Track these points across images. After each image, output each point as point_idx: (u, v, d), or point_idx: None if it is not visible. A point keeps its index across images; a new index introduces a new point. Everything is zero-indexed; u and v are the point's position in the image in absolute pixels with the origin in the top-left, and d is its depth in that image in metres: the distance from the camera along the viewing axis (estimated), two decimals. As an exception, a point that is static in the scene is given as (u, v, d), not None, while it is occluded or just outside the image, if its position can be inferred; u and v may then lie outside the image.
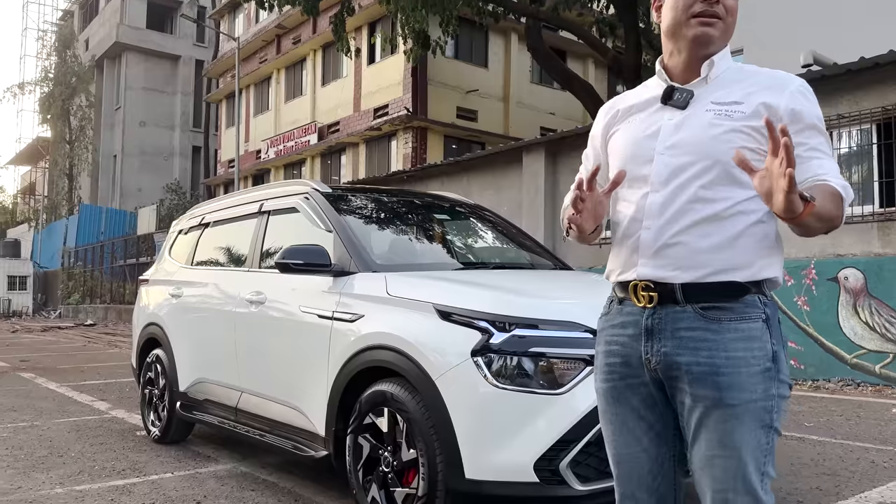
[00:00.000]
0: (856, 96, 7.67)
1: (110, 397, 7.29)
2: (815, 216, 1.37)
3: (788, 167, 1.27)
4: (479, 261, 4.19)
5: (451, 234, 4.35)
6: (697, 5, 1.56)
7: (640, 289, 1.58)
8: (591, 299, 3.15)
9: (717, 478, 1.49)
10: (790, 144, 1.29)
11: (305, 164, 25.40)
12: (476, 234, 4.50)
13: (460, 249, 4.25)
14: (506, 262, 4.20)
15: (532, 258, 4.27)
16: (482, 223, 4.54)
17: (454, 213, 4.52)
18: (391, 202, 4.42)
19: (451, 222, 4.47)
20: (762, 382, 1.48)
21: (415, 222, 4.34)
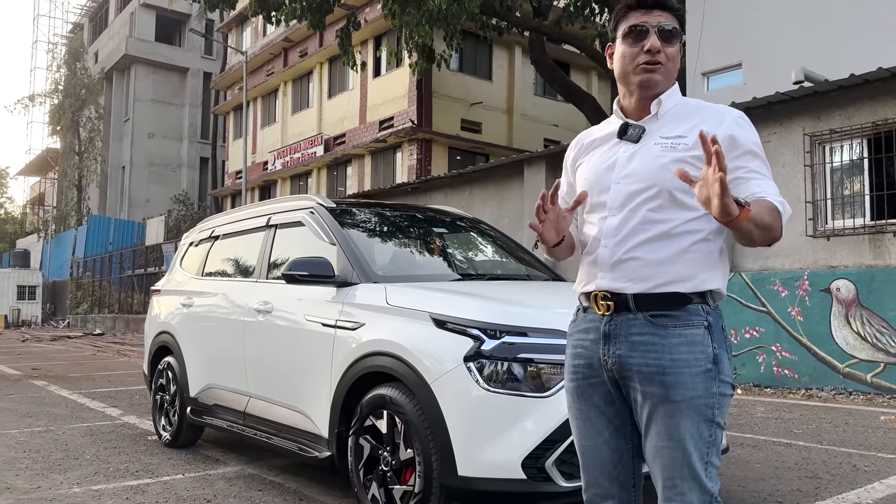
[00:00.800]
0: (847, 112, 7.87)
1: (121, 404, 7.50)
2: (752, 222, 1.56)
3: (720, 171, 1.47)
4: (476, 272, 4.40)
5: (449, 247, 4.56)
6: (641, 56, 1.78)
7: (600, 298, 1.79)
8: (577, 309, 3.37)
9: (665, 466, 1.69)
10: (720, 151, 1.48)
11: (312, 176, 25.70)
12: (474, 247, 4.71)
13: (458, 261, 4.45)
14: (502, 274, 4.40)
15: (528, 270, 4.48)
16: (480, 236, 4.75)
17: (453, 227, 4.73)
18: (393, 216, 4.63)
19: (451, 235, 4.69)
20: (704, 382, 1.68)
21: (415, 235, 4.55)
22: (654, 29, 1.77)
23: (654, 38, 1.77)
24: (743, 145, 1.73)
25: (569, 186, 2.00)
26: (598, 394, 1.82)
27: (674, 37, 1.79)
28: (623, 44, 1.81)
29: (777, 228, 1.64)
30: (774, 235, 1.64)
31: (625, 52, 1.81)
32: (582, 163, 1.94)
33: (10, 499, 3.86)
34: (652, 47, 1.76)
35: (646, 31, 1.77)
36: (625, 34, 1.81)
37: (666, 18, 1.79)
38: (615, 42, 1.85)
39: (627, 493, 1.84)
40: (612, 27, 1.87)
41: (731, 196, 1.50)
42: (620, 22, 1.84)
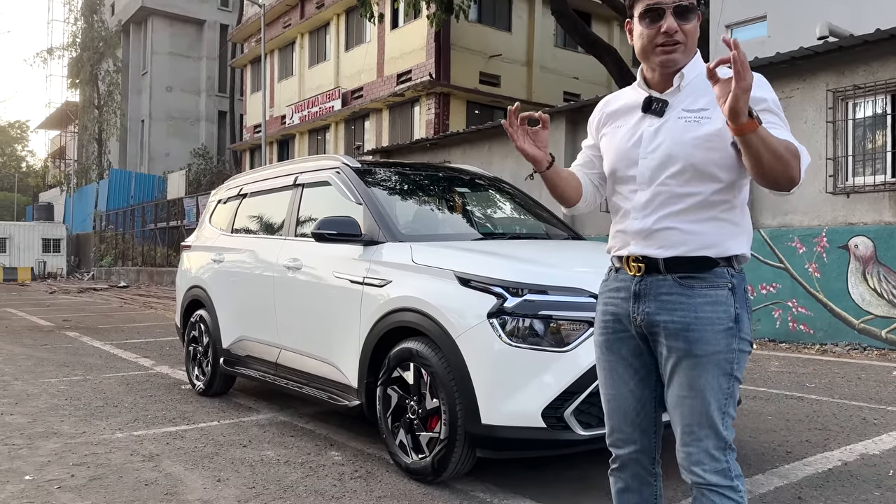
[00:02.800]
0: (872, 67, 7.78)
1: (152, 354, 7.79)
2: (761, 140, 1.59)
3: (740, 69, 1.52)
4: (497, 231, 4.52)
5: (470, 206, 4.68)
6: (659, 37, 1.83)
7: (631, 260, 1.91)
8: (597, 267, 3.49)
9: (685, 414, 1.83)
10: (738, 55, 1.52)
11: (329, 130, 25.72)
12: (494, 206, 4.82)
13: (479, 220, 4.58)
14: (522, 233, 4.52)
15: (547, 228, 4.59)
16: (500, 195, 4.86)
17: (474, 186, 4.84)
18: (414, 175, 4.74)
19: (472, 194, 4.79)
20: (725, 338, 1.80)
21: (437, 194, 4.67)
22: (670, 9, 1.81)
23: (671, 18, 1.81)
24: (761, 104, 1.75)
25: (592, 147, 2.11)
26: (627, 347, 1.95)
27: (690, 12, 1.83)
28: (640, 24, 1.86)
29: (792, 164, 1.65)
30: (791, 173, 1.65)
31: (643, 33, 1.86)
32: (605, 134, 2.03)
33: (59, 443, 4.11)
34: (669, 29, 1.81)
35: (662, 11, 1.81)
36: (641, 14, 1.85)
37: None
38: (633, 20, 1.91)
39: (649, 438, 2.00)
40: (629, 4, 1.91)
41: (749, 106, 1.55)
42: (635, 3, 1.88)
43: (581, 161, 2.14)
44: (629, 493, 2.05)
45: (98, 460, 3.76)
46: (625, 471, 2.04)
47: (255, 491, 3.28)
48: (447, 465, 3.23)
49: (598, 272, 3.33)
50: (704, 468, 1.81)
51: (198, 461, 3.75)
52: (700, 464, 1.82)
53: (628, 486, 2.05)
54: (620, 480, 2.06)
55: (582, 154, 2.16)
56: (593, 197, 2.11)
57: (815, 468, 3.60)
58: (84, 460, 3.76)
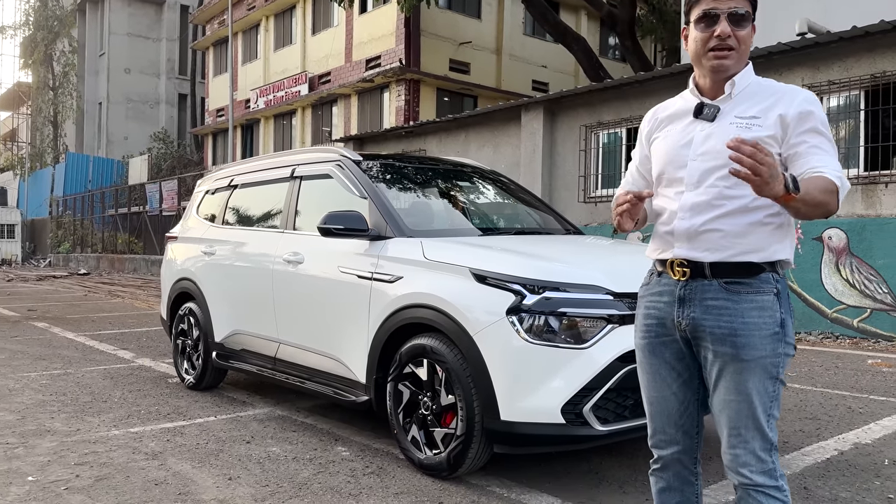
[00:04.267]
0: (846, 63, 7.98)
1: (131, 346, 7.64)
2: (801, 202, 1.69)
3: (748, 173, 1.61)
4: (501, 226, 4.54)
5: (473, 201, 4.68)
6: (713, 41, 1.88)
7: (676, 265, 1.93)
8: (609, 264, 3.54)
9: (731, 417, 1.87)
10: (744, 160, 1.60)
11: (296, 116, 25.40)
12: (495, 200, 4.83)
13: (483, 215, 4.58)
14: (526, 227, 4.54)
15: (546, 222, 4.62)
16: (500, 189, 4.87)
17: (474, 180, 4.84)
18: (415, 169, 4.72)
19: (473, 189, 4.80)
20: (771, 343, 1.84)
21: (439, 189, 4.66)
22: (725, 14, 1.86)
23: (725, 23, 1.86)
24: (808, 122, 1.84)
25: (643, 157, 2.13)
26: (670, 350, 1.98)
27: (745, 20, 1.88)
28: (696, 28, 1.91)
29: (830, 202, 1.75)
30: (829, 209, 1.76)
31: (697, 37, 1.91)
32: (657, 137, 2.05)
33: (54, 441, 4.02)
34: (722, 33, 1.86)
35: (717, 16, 1.87)
36: (697, 19, 1.91)
37: (737, 3, 1.87)
38: (689, 25, 1.95)
39: (691, 439, 2.04)
40: (686, 10, 1.96)
41: (779, 183, 1.62)
42: (693, 6, 1.92)
43: (631, 181, 2.17)
44: (670, 493, 2.09)
45: (100, 459, 3.69)
46: (667, 471, 2.08)
47: (270, 489, 3.25)
48: (464, 461, 3.25)
49: (610, 268, 3.40)
50: (751, 469, 1.86)
51: (204, 459, 3.70)
52: (747, 465, 1.86)
53: (670, 486, 2.09)
54: (662, 480, 2.10)
55: (630, 173, 2.19)
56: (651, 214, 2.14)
57: (813, 458, 3.71)
58: (85, 459, 3.68)
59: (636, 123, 10.16)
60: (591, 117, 10.65)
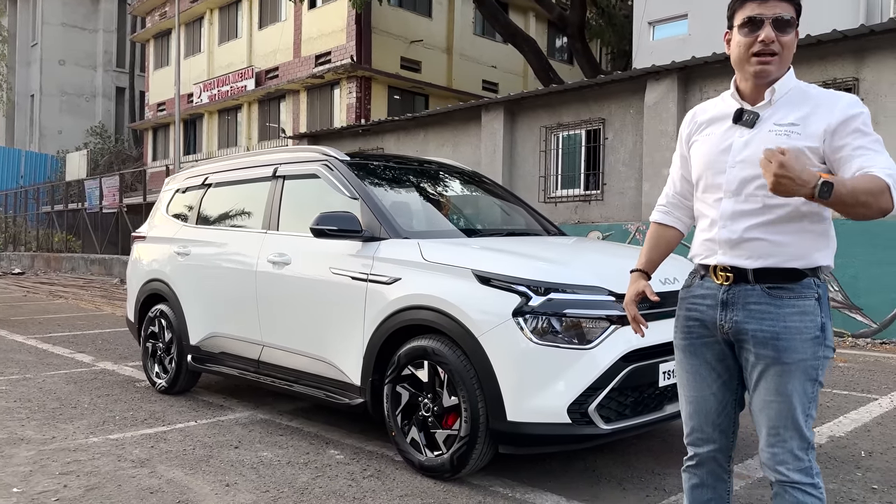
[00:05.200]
0: (800, 71, 8.24)
1: (87, 349, 7.38)
2: (837, 202, 1.66)
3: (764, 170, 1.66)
4: (491, 228, 4.56)
5: (461, 202, 4.69)
6: (756, 45, 1.90)
7: (719, 270, 1.98)
8: (607, 265, 3.60)
9: (771, 417, 1.93)
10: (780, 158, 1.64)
11: (242, 111, 24.94)
12: (481, 201, 4.85)
13: (472, 217, 4.60)
14: (515, 229, 4.57)
15: (532, 223, 4.67)
16: (483, 190, 4.90)
17: (460, 181, 4.85)
18: (403, 170, 4.70)
19: (460, 190, 4.80)
20: (812, 347, 1.90)
21: (427, 190, 4.65)
22: (769, 20, 1.87)
23: (769, 29, 1.87)
24: (851, 125, 1.84)
25: (682, 159, 2.17)
26: (711, 351, 2.03)
27: (789, 26, 1.89)
28: (739, 33, 1.93)
29: (882, 201, 1.70)
30: (881, 207, 1.72)
31: (740, 42, 1.93)
32: (696, 141, 2.08)
33: (32, 450, 3.86)
34: (766, 38, 1.87)
35: (761, 22, 1.88)
36: (741, 24, 1.92)
37: (782, 8, 1.88)
38: (732, 30, 1.97)
39: (727, 438, 2.10)
40: (729, 14, 1.97)
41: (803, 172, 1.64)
42: (737, 11, 1.94)
43: (675, 189, 2.22)
44: (703, 489, 2.15)
45: (84, 468, 3.56)
46: (701, 468, 2.13)
47: (271, 495, 3.20)
48: (467, 462, 3.26)
49: (610, 270, 3.45)
50: (789, 467, 1.92)
51: (195, 465, 3.61)
52: (784, 463, 1.92)
53: (703, 482, 2.14)
54: (696, 477, 2.15)
55: (672, 178, 2.23)
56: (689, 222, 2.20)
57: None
58: (69, 469, 3.55)
59: (595, 125, 10.35)
60: (550, 118, 10.79)
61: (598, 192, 10.26)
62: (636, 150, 9.70)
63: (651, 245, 2.25)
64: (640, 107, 9.58)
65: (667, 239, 2.23)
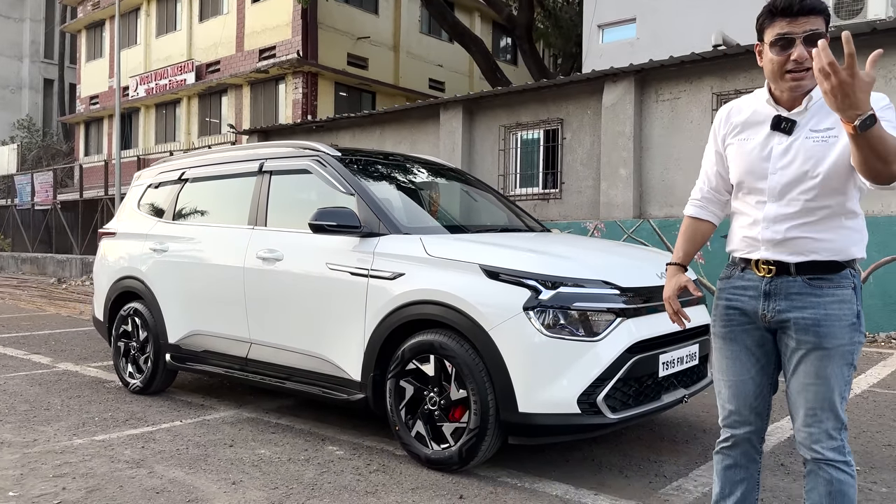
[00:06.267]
0: (751, 74, 8.65)
1: (41, 350, 7.10)
2: (867, 143, 1.69)
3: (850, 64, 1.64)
4: (486, 224, 4.61)
5: (451, 198, 4.73)
6: (790, 64, 1.98)
7: (761, 263, 2.09)
8: (609, 260, 3.70)
9: (809, 399, 2.05)
10: (852, 52, 1.64)
11: (181, 105, 24.31)
12: (472, 198, 4.90)
13: (467, 212, 4.65)
14: (509, 226, 4.63)
15: (523, 220, 4.75)
16: (472, 188, 4.95)
17: (449, 178, 4.89)
18: (393, 166, 4.71)
19: (450, 186, 4.84)
20: (849, 333, 2.03)
21: (419, 186, 4.67)
22: (800, 38, 1.95)
23: (801, 47, 1.95)
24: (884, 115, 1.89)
25: (717, 155, 2.26)
26: (751, 338, 2.15)
27: (820, 38, 1.96)
28: (771, 51, 2.01)
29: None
30: (890, 171, 1.77)
31: (772, 59, 2.00)
32: (732, 144, 2.18)
33: (15, 453, 3.71)
34: (799, 57, 1.95)
35: (792, 40, 1.95)
36: (772, 42, 1.99)
37: (811, 24, 1.96)
38: (762, 43, 2.06)
39: (762, 420, 2.22)
40: (759, 28, 2.06)
41: (860, 90, 1.65)
42: (766, 27, 2.01)
43: (710, 185, 2.30)
44: (736, 469, 2.26)
45: (78, 470, 3.45)
46: (736, 449, 2.25)
47: (282, 491, 3.18)
48: (476, 454, 3.31)
49: (614, 265, 3.56)
50: (823, 445, 2.05)
51: (193, 464, 3.55)
52: (819, 442, 2.05)
53: (737, 463, 2.26)
54: (729, 458, 2.26)
55: (706, 174, 2.31)
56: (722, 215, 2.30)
57: (777, 437, 4.05)
58: (62, 471, 3.43)
59: (553, 125, 10.54)
60: (509, 118, 10.93)
61: (556, 190, 10.45)
62: (594, 150, 9.93)
63: (687, 238, 2.36)
64: (597, 108, 9.81)
65: (702, 232, 2.34)
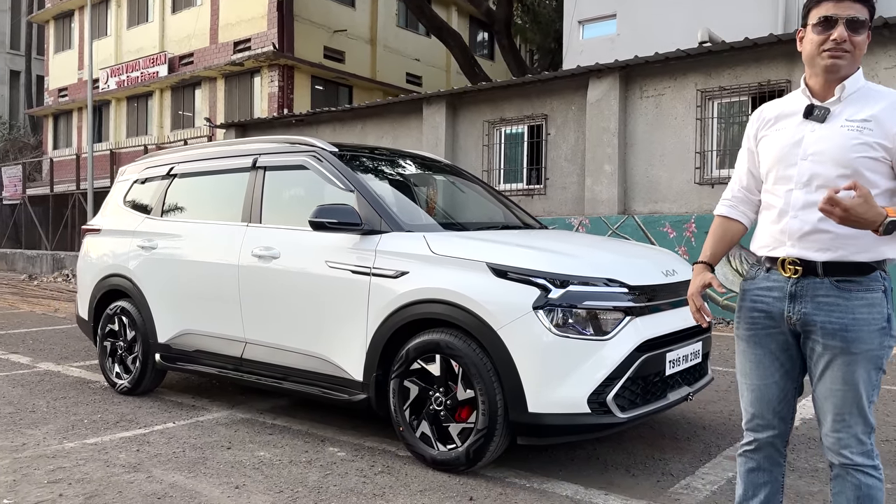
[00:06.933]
0: (736, 71, 8.72)
1: (19, 350, 6.91)
2: None
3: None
4: (485, 221, 4.56)
5: (450, 195, 4.68)
6: (828, 43, 1.99)
7: (788, 263, 2.06)
8: (616, 259, 3.68)
9: (837, 404, 2.02)
10: (827, 198, 1.79)
11: (153, 98, 23.90)
12: (469, 195, 4.85)
13: (465, 209, 4.60)
14: (509, 223, 4.58)
15: (520, 217, 4.71)
16: (469, 184, 4.90)
17: (445, 174, 4.83)
18: (390, 162, 4.64)
19: (447, 183, 4.78)
20: (878, 337, 2.00)
21: (416, 183, 4.61)
22: (844, 20, 1.97)
23: (842, 28, 1.97)
24: None
25: (749, 153, 2.24)
26: (776, 342, 2.12)
27: (863, 26, 1.98)
28: (812, 31, 2.02)
29: None
30: None
31: (813, 39, 2.02)
32: (765, 136, 2.15)
33: (5, 458, 3.59)
34: (839, 37, 1.96)
35: (835, 21, 1.97)
36: (815, 23, 2.01)
37: (856, 10, 1.97)
38: (805, 28, 2.06)
39: (786, 425, 2.20)
40: (804, 13, 2.06)
41: (867, 223, 1.81)
42: (812, 9, 2.03)
43: (742, 184, 2.29)
44: (760, 472, 2.24)
45: (73, 475, 3.34)
46: (759, 452, 2.22)
47: (287, 495, 3.11)
48: (484, 454, 3.27)
49: (621, 263, 3.54)
50: (852, 451, 2.02)
51: (192, 468, 3.46)
52: (849, 447, 2.02)
53: (760, 466, 2.24)
54: (752, 461, 2.24)
55: (738, 173, 2.30)
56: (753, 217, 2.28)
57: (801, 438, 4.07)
58: (56, 476, 3.32)
59: (538, 121, 10.52)
60: (493, 113, 10.88)
61: (540, 186, 10.44)
62: (578, 145, 9.93)
63: (717, 238, 2.33)
64: (581, 103, 9.81)
65: (732, 232, 2.32)
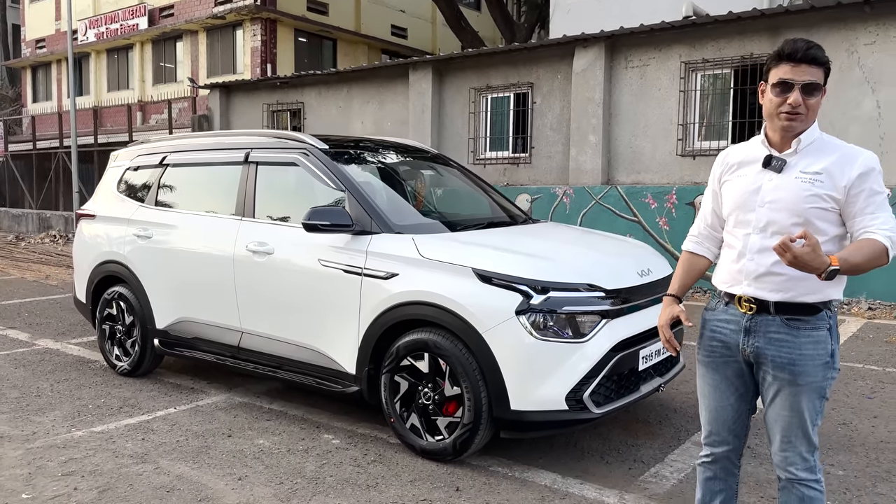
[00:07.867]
0: (719, 44, 8.80)
1: (17, 324, 7.08)
2: (846, 272, 2.02)
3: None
4: (473, 217, 4.72)
5: (437, 189, 4.83)
6: (785, 106, 2.17)
7: (744, 300, 2.28)
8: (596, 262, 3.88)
9: (784, 427, 2.27)
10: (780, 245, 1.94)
11: (133, 51, 23.50)
12: (458, 189, 5.00)
13: (452, 205, 4.76)
14: (495, 219, 4.74)
15: (506, 211, 4.88)
16: (457, 176, 5.05)
17: (434, 166, 4.97)
18: (379, 156, 4.77)
19: (437, 177, 4.93)
20: (823, 370, 2.23)
21: (405, 178, 4.75)
22: (799, 86, 2.14)
23: (797, 94, 2.14)
24: (866, 182, 2.15)
25: (713, 194, 2.45)
26: (731, 369, 2.35)
27: (817, 90, 2.17)
28: (771, 92, 2.20)
29: (877, 263, 2.06)
30: (878, 265, 2.07)
31: (771, 100, 2.20)
32: (728, 180, 2.35)
33: (18, 449, 3.80)
34: (794, 102, 2.15)
35: (791, 86, 2.15)
36: (774, 84, 2.18)
37: (811, 74, 2.14)
38: (766, 83, 2.23)
39: (739, 440, 2.45)
40: (766, 69, 2.24)
41: (814, 269, 1.97)
42: (772, 69, 2.20)
43: (707, 222, 2.49)
44: (716, 481, 2.50)
45: (85, 467, 3.57)
46: (716, 464, 2.48)
47: (287, 487, 3.35)
48: (469, 446, 3.52)
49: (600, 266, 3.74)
50: (797, 467, 2.28)
51: (196, 458, 3.69)
52: (794, 464, 2.28)
53: (716, 476, 2.49)
54: (710, 471, 2.50)
55: (703, 212, 2.51)
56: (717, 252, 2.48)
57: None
58: (69, 469, 3.55)
59: (524, 89, 10.58)
60: (479, 80, 10.92)
61: (526, 155, 10.56)
62: (563, 115, 10.02)
63: (684, 271, 2.54)
64: (567, 73, 9.87)
65: (698, 267, 2.52)
